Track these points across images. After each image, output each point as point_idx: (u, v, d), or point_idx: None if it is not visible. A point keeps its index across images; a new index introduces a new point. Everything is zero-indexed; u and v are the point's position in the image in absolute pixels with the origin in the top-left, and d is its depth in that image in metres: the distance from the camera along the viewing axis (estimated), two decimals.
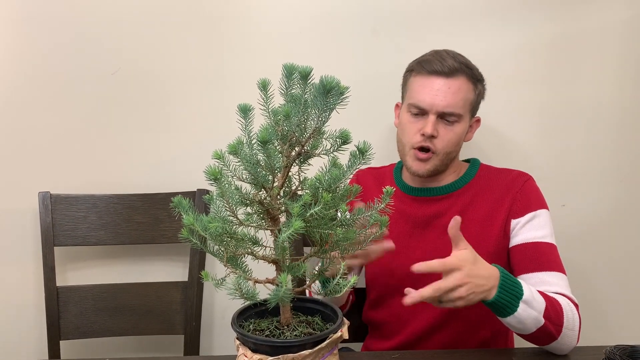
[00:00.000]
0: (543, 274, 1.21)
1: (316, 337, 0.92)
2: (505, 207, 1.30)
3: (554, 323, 1.11)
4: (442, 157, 1.29)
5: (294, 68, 0.88)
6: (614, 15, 1.60)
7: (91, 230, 1.60)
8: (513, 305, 1.06)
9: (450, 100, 1.25)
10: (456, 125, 1.28)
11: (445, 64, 1.25)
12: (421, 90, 1.27)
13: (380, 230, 0.96)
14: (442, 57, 1.27)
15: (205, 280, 0.90)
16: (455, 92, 1.25)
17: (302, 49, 1.64)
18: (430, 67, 1.26)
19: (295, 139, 0.89)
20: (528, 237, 1.27)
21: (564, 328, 1.12)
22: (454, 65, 1.25)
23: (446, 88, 1.25)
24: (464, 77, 1.27)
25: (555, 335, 1.12)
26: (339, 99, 0.85)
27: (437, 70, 1.26)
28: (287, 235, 0.84)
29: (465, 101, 1.28)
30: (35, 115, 1.63)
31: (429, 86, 1.26)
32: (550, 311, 1.10)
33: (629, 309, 1.72)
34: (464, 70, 1.27)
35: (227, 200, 0.88)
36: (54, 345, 1.58)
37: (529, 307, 1.07)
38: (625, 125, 1.66)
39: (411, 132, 1.29)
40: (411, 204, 1.37)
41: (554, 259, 1.25)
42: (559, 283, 1.21)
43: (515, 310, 1.06)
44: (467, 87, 1.28)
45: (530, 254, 1.24)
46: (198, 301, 1.62)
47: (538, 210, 1.29)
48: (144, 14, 1.61)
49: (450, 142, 1.29)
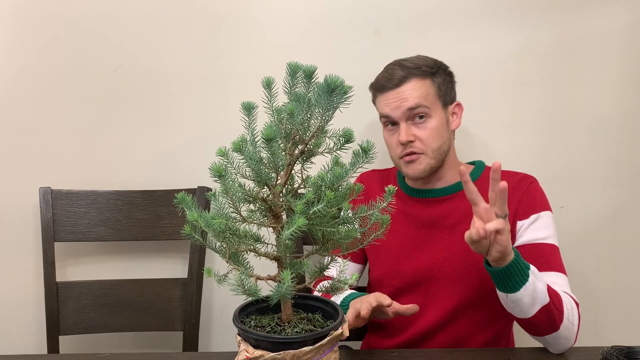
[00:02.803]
0: (544, 274, 1.22)
1: (317, 334, 0.92)
2: (512, 209, 1.30)
3: (557, 308, 1.13)
4: (431, 154, 1.31)
5: (298, 67, 0.88)
6: (614, 19, 1.61)
7: (91, 226, 1.61)
8: (525, 274, 1.08)
9: (408, 104, 1.29)
10: (428, 121, 1.31)
11: (392, 78, 1.31)
12: (382, 106, 1.34)
13: (382, 229, 0.97)
14: (388, 72, 1.33)
15: (208, 276, 0.90)
16: (410, 94, 1.29)
17: (305, 48, 1.64)
18: (379, 85, 1.33)
19: (298, 137, 0.89)
20: (531, 238, 1.29)
21: (565, 318, 1.14)
22: (400, 74, 1.30)
23: (400, 95, 1.30)
24: (413, 79, 1.30)
25: (558, 322, 1.13)
26: (343, 98, 0.85)
27: (386, 85, 1.32)
28: (290, 233, 0.84)
29: (426, 96, 1.30)
30: (36, 111, 1.64)
31: (384, 100, 1.33)
32: (552, 295, 1.12)
33: (627, 310, 1.73)
34: (412, 73, 1.30)
35: (231, 197, 0.88)
36: (53, 340, 1.58)
37: (537, 279, 1.09)
38: (625, 128, 1.66)
39: (393, 145, 1.34)
40: (415, 206, 1.38)
41: (555, 259, 1.27)
42: (559, 282, 1.22)
43: (527, 279, 1.08)
44: (420, 85, 1.30)
45: (532, 254, 1.25)
46: (197, 298, 1.63)
47: (542, 212, 1.31)
48: (147, 11, 1.62)
49: (430, 137, 1.31)
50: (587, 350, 1.20)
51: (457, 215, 1.33)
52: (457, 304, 1.31)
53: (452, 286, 1.32)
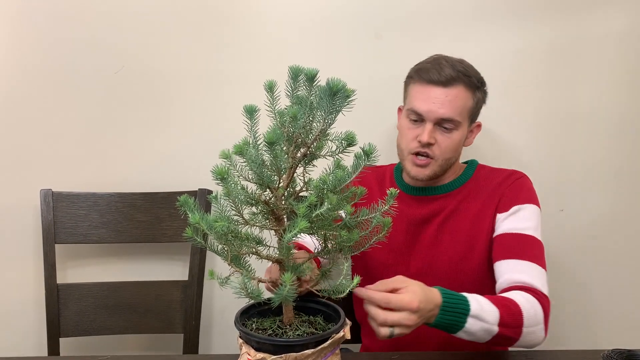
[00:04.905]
0: (517, 262, 1.20)
1: (319, 337, 0.93)
2: (494, 203, 1.31)
3: (511, 327, 1.09)
4: (440, 162, 1.31)
5: (300, 70, 0.88)
6: (613, 22, 1.62)
7: (92, 228, 1.61)
8: (460, 322, 1.05)
9: (447, 109, 1.26)
10: (454, 133, 1.29)
11: (442, 73, 1.26)
12: (419, 97, 1.28)
13: (383, 232, 0.97)
14: (440, 65, 1.27)
15: (211, 278, 0.90)
16: (452, 100, 1.26)
17: (305, 50, 1.65)
18: (427, 76, 1.27)
19: (300, 140, 0.89)
20: (509, 228, 1.27)
21: (524, 328, 1.11)
22: (451, 74, 1.26)
23: (443, 97, 1.26)
24: (461, 86, 1.27)
25: (515, 337, 1.11)
26: (345, 101, 0.85)
27: (434, 79, 1.26)
28: (292, 235, 0.85)
29: (463, 109, 1.28)
30: (37, 113, 1.64)
31: (426, 94, 1.27)
32: (505, 317, 1.08)
33: (627, 313, 1.73)
34: (462, 79, 1.27)
35: (233, 199, 0.88)
36: (53, 342, 1.58)
37: (478, 320, 1.05)
38: (623, 131, 1.67)
39: (409, 137, 1.31)
40: (410, 203, 1.38)
41: (534, 252, 1.24)
42: (531, 273, 1.19)
43: (463, 326, 1.05)
44: (464, 95, 1.28)
45: (509, 243, 1.24)
46: (198, 300, 1.63)
47: (525, 204, 1.29)
48: (148, 13, 1.62)
49: (448, 148, 1.30)
50: (587, 353, 1.19)
51: (446, 214, 1.34)
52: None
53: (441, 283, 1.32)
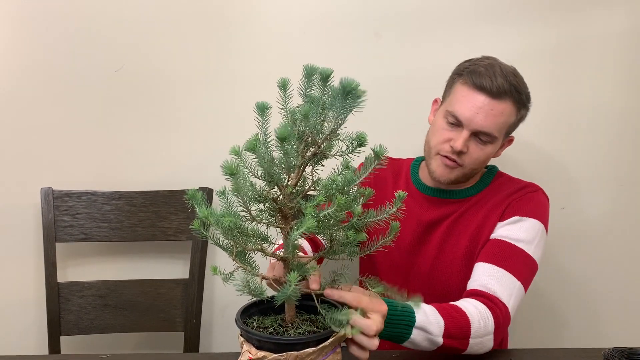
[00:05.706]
0: (493, 268, 1.18)
1: (320, 336, 0.92)
2: (500, 212, 1.28)
3: (457, 338, 1.07)
4: (467, 171, 1.28)
5: (314, 69, 0.88)
6: (614, 22, 1.62)
7: (93, 226, 1.61)
8: (405, 333, 1.02)
9: (489, 123, 1.21)
10: (488, 146, 1.25)
11: (494, 83, 1.19)
12: (463, 102, 1.22)
13: (390, 236, 0.97)
14: (494, 72, 1.20)
15: (214, 274, 0.90)
16: (496, 115, 1.20)
17: (305, 50, 1.65)
18: (478, 80, 1.20)
19: (311, 139, 0.89)
20: (502, 235, 1.24)
21: (471, 339, 1.08)
22: (503, 86, 1.19)
23: (489, 109, 1.20)
24: (509, 101, 1.21)
25: (461, 348, 1.09)
26: (357, 101, 0.85)
27: (485, 86, 1.19)
28: (299, 234, 0.85)
29: (504, 124, 1.23)
30: (38, 112, 1.63)
31: (472, 101, 1.21)
32: (451, 329, 1.05)
33: (628, 311, 1.74)
34: (512, 94, 1.21)
35: (242, 195, 0.88)
36: (54, 341, 1.58)
37: (423, 331, 1.03)
38: (625, 130, 1.68)
39: (441, 138, 1.26)
40: (422, 203, 1.36)
41: (517, 265, 1.19)
42: (502, 282, 1.16)
43: (408, 337, 1.03)
44: (509, 112, 1.22)
45: (494, 248, 1.21)
46: (198, 299, 1.63)
47: (527, 217, 1.26)
48: (149, 11, 1.62)
49: (479, 160, 1.26)
50: (588, 351, 1.20)
51: (452, 220, 1.33)
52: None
53: (445, 286, 1.32)
